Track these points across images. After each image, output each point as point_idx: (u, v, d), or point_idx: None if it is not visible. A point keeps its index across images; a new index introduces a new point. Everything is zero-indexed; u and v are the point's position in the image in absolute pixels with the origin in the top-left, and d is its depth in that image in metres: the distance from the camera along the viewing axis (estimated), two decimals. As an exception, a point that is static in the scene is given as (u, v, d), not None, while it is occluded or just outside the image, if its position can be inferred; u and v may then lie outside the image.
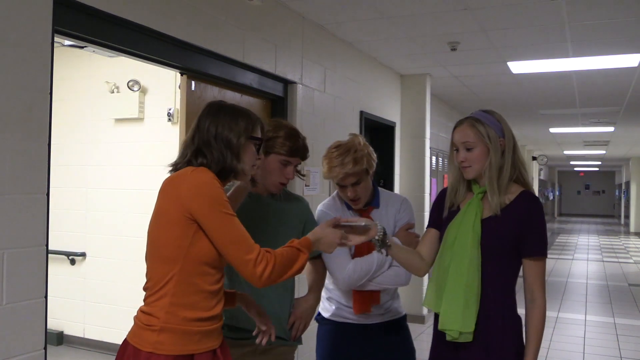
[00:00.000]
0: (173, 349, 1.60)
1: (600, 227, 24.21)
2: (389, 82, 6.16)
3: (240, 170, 1.72)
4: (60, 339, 5.21)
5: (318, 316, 2.50)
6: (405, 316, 2.52)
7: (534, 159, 17.59)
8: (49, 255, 2.31)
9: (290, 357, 2.25)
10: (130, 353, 1.63)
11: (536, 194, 2.01)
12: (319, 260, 2.31)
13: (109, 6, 2.56)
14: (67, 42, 3.75)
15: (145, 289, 1.70)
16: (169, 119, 4.75)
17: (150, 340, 1.60)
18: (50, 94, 2.27)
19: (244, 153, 1.73)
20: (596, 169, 31.74)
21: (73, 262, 5.20)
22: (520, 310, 1.91)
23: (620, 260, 12.76)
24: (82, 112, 5.19)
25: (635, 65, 5.64)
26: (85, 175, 5.18)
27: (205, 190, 1.60)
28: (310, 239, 1.76)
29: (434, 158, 7.28)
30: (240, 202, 2.02)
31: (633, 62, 5.56)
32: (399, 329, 2.45)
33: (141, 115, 4.88)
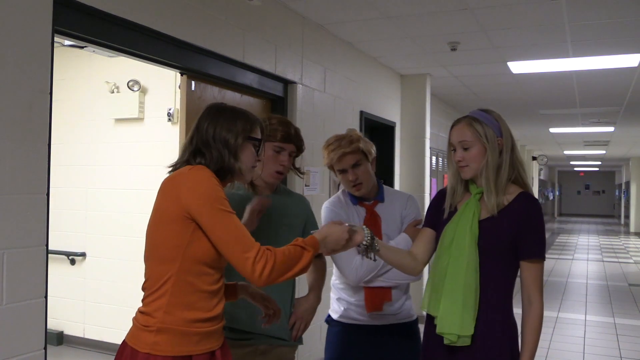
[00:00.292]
0: (170, 349, 1.59)
1: (600, 227, 24.19)
2: (389, 82, 6.15)
3: (238, 169, 1.71)
4: (60, 339, 5.20)
5: (328, 318, 2.49)
6: (416, 320, 2.47)
7: (534, 159, 17.59)
8: (49, 255, 2.31)
9: (290, 358, 2.25)
10: (128, 354, 1.62)
11: (536, 194, 1.99)
12: (319, 260, 2.31)
13: (108, 6, 2.56)
14: (67, 42, 3.75)
15: (143, 289, 1.69)
16: (169, 119, 4.75)
17: (148, 341, 1.59)
18: (50, 94, 2.27)
19: (242, 153, 1.72)
20: (596, 169, 31.74)
21: (73, 262, 5.20)
22: (517, 311, 1.88)
23: (620, 260, 12.75)
24: (82, 112, 5.19)
25: (635, 65, 5.64)
26: (85, 175, 5.18)
27: (202, 187, 1.59)
28: (317, 237, 1.72)
29: (434, 158, 7.28)
30: (256, 226, 2.04)
31: (633, 62, 5.56)
32: (411, 334, 2.42)
33: (141, 115, 4.88)
